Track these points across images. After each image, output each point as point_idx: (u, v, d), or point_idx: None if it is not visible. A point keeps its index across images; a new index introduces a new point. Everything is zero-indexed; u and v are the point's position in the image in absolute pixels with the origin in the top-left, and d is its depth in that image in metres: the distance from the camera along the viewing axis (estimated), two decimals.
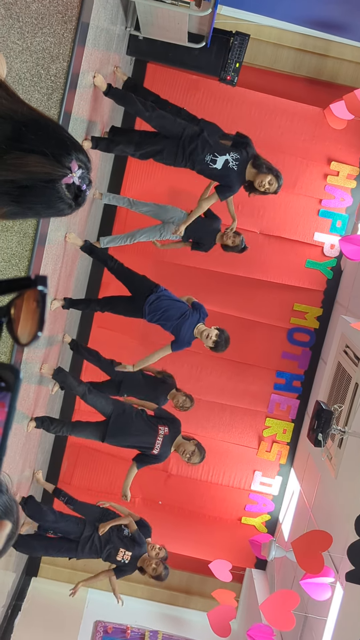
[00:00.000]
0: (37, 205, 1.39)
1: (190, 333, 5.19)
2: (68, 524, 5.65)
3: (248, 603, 7.65)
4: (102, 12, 4.58)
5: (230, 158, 5.08)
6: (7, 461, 4.68)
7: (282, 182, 5.19)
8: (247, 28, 6.73)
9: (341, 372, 5.84)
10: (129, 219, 7.02)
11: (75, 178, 1.39)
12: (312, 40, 7.09)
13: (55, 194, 1.38)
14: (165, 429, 5.23)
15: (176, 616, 8.02)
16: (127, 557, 5.49)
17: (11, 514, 1.23)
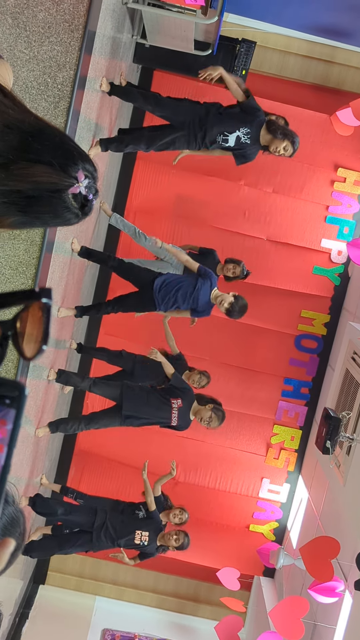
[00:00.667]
0: (44, 215, 1.39)
1: (207, 301, 5.25)
2: (79, 515, 5.63)
3: (256, 611, 7.61)
4: (109, 20, 4.60)
5: (241, 134, 5.07)
6: (14, 469, 4.68)
7: (297, 146, 5.15)
8: (253, 35, 6.74)
9: (349, 379, 5.82)
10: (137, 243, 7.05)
11: (82, 188, 1.39)
12: (319, 47, 7.10)
13: (62, 203, 1.38)
14: (179, 402, 5.21)
15: (184, 624, 7.99)
16: (145, 539, 5.43)
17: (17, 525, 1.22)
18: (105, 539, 5.49)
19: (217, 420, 5.22)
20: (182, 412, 5.23)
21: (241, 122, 5.07)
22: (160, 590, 8.12)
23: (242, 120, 5.08)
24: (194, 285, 5.23)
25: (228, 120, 5.09)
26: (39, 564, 7.92)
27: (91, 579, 8.12)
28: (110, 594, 8.12)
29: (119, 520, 5.50)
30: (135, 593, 8.12)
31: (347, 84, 7.18)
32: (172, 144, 5.19)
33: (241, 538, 7.66)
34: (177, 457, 7.62)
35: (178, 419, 5.23)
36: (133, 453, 7.48)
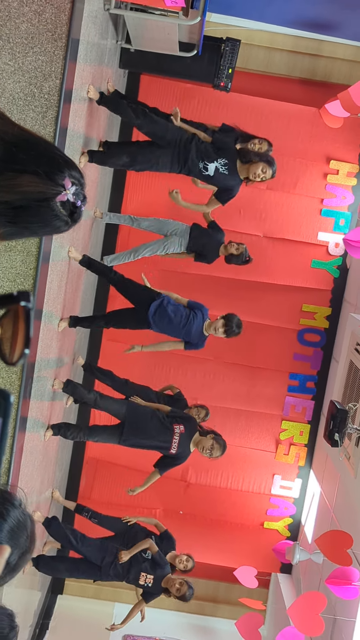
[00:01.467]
0: (34, 225, 1.39)
1: (200, 334, 5.27)
2: (90, 550, 5.61)
3: (276, 608, 7.60)
4: (92, 27, 4.61)
5: (219, 165, 5.12)
6: (25, 480, 4.68)
7: (275, 166, 5.20)
8: (237, 33, 6.74)
9: (354, 370, 5.82)
10: (131, 235, 7.04)
11: (69, 195, 1.40)
12: (304, 41, 7.11)
13: (51, 212, 1.39)
14: (181, 427, 5.19)
15: (204, 626, 7.97)
16: (149, 581, 5.45)
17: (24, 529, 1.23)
18: (112, 575, 5.53)
19: (219, 449, 5.19)
20: (183, 440, 5.20)
21: (217, 153, 5.14)
22: None
23: (217, 151, 5.14)
24: (187, 318, 5.26)
25: (207, 148, 5.16)
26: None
27: (109, 585, 8.10)
28: (128, 600, 8.08)
29: (127, 562, 5.48)
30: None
31: (334, 76, 7.18)
32: (155, 164, 5.23)
33: (256, 536, 7.65)
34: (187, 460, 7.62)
35: (178, 446, 5.19)
36: (143, 458, 7.45)
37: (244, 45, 6.55)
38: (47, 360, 4.87)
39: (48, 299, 4.42)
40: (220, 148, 5.16)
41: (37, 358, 4.38)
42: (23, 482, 4.60)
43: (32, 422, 4.57)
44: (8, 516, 1.19)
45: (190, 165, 5.12)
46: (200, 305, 5.35)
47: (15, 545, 1.21)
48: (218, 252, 5.93)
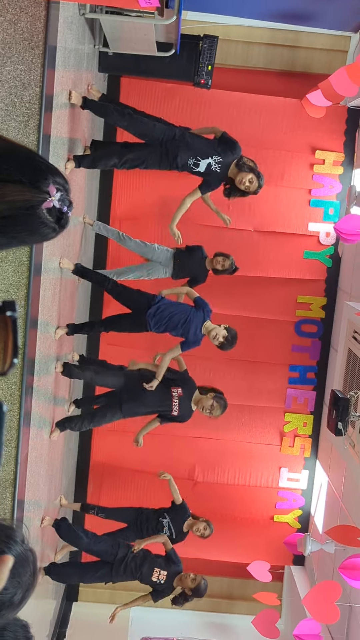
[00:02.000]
0: (21, 234, 1.39)
1: (198, 332, 5.28)
2: (101, 547, 5.64)
3: (291, 600, 7.61)
4: (68, 33, 4.60)
5: (212, 161, 5.13)
6: (32, 490, 4.68)
7: (262, 182, 5.29)
8: (214, 30, 6.75)
9: (353, 358, 5.82)
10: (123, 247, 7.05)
11: (55, 201, 1.40)
12: (281, 33, 7.11)
13: (37, 219, 1.38)
14: (179, 390, 5.20)
15: (221, 623, 7.98)
16: (162, 577, 5.46)
17: (27, 565, 1.22)
18: (124, 573, 5.54)
19: (219, 408, 5.20)
20: (183, 402, 5.22)
21: (215, 151, 5.16)
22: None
23: (216, 149, 5.16)
24: (187, 315, 5.27)
25: (203, 145, 5.17)
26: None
27: (123, 589, 8.10)
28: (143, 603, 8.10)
29: (139, 555, 5.50)
30: (168, 598, 8.10)
31: (313, 67, 7.19)
32: (144, 162, 5.23)
33: (267, 530, 7.65)
34: (193, 458, 7.63)
35: (179, 408, 5.21)
36: (148, 459, 7.48)
37: (221, 41, 6.55)
38: (46, 368, 4.86)
39: (43, 308, 4.42)
40: (221, 146, 5.18)
41: (36, 367, 4.38)
42: (30, 493, 4.59)
43: (34, 431, 4.57)
44: (11, 554, 1.18)
45: (179, 162, 5.14)
46: (205, 304, 5.35)
47: (19, 582, 1.20)
48: (206, 268, 5.96)
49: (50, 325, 4.89)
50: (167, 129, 5.18)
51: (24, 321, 3.96)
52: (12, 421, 4.06)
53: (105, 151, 5.36)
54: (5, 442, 4.07)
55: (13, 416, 4.06)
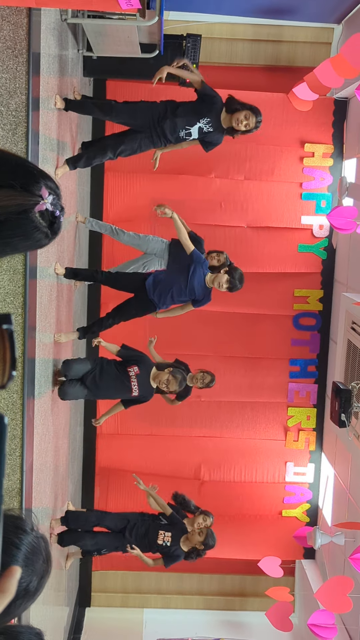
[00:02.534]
0: (14, 239, 1.39)
1: (203, 286, 5.31)
2: (111, 520, 5.71)
3: (304, 595, 7.61)
4: (51, 39, 4.60)
5: (202, 124, 5.12)
6: (39, 498, 4.67)
7: (260, 116, 5.14)
8: (197, 29, 6.75)
9: (352, 348, 5.82)
10: (115, 243, 7.03)
11: (48, 204, 1.40)
12: (264, 28, 7.12)
13: (30, 224, 1.38)
14: (135, 369, 5.17)
15: (235, 621, 7.98)
16: (167, 539, 5.42)
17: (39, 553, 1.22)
18: (132, 537, 5.54)
19: (174, 382, 5.15)
20: (142, 380, 5.19)
21: (200, 113, 5.12)
22: (206, 591, 8.11)
23: (200, 111, 5.12)
24: (185, 277, 5.27)
25: (187, 113, 5.13)
26: (82, 587, 7.92)
27: (135, 592, 8.11)
28: (157, 604, 8.11)
29: (147, 523, 5.59)
30: (181, 599, 8.11)
31: (298, 60, 7.20)
32: (139, 147, 5.23)
33: (276, 525, 7.65)
34: (198, 458, 7.63)
35: (139, 387, 5.19)
36: (153, 461, 7.49)
37: (205, 40, 6.55)
38: (47, 375, 4.86)
39: (40, 315, 4.41)
40: (204, 106, 5.13)
41: (36, 375, 4.37)
42: (37, 501, 4.59)
43: (38, 439, 4.56)
44: (21, 544, 1.18)
45: (171, 138, 5.14)
46: (202, 258, 5.37)
47: (33, 571, 1.20)
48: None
49: (49, 331, 4.89)
50: (151, 110, 5.14)
51: (22, 329, 3.96)
52: (16, 430, 4.05)
53: (98, 147, 5.34)
54: (10, 452, 4.07)
55: (16, 425, 4.05)
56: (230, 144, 7.12)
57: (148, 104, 5.27)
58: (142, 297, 5.36)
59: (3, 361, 1.02)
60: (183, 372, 5.30)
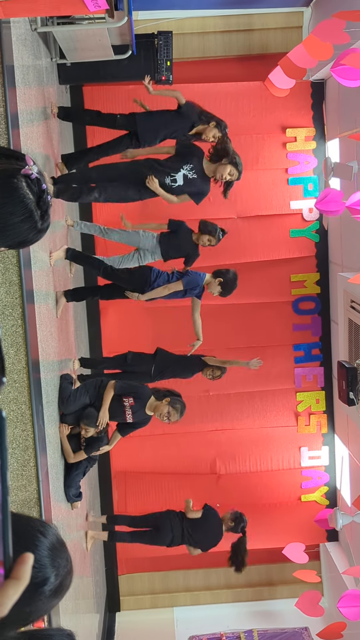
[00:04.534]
0: (2, 209, 1.39)
1: (196, 278, 5.51)
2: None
3: (331, 577, 7.62)
4: (23, 50, 4.61)
5: (186, 171, 5.19)
6: (58, 506, 4.69)
7: (241, 167, 5.29)
8: (168, 26, 6.75)
9: (354, 327, 5.83)
10: (108, 244, 7.04)
11: (34, 172, 1.41)
12: (234, 19, 7.13)
13: (17, 190, 1.39)
14: (130, 400, 5.13)
15: (266, 610, 7.99)
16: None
17: (63, 547, 1.23)
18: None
19: (176, 413, 5.10)
20: (136, 410, 5.15)
21: (182, 161, 5.24)
22: (233, 584, 8.12)
23: (182, 159, 5.26)
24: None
25: (171, 162, 5.26)
26: (110, 593, 7.94)
27: (164, 592, 8.13)
28: (186, 602, 8.13)
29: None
30: (210, 594, 8.13)
31: (271, 47, 7.20)
32: (124, 199, 5.37)
33: (296, 511, 7.67)
34: (212, 452, 7.64)
35: (133, 416, 5.16)
36: (168, 460, 7.50)
37: (176, 36, 6.56)
38: (54, 384, 4.87)
39: (40, 324, 4.43)
40: (185, 155, 5.27)
41: (43, 383, 4.38)
42: (56, 510, 4.60)
43: (51, 449, 4.58)
44: (48, 533, 1.19)
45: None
46: (195, 285, 5.50)
47: (57, 564, 1.20)
48: (195, 243, 5.89)
49: (50, 339, 4.90)
50: (133, 168, 5.25)
51: (24, 339, 3.96)
52: (27, 440, 4.06)
53: (82, 183, 5.34)
54: (24, 462, 4.08)
55: (27, 435, 4.06)
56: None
57: (125, 120, 5.34)
58: (139, 278, 5.50)
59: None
60: (180, 399, 5.22)
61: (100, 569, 7.55)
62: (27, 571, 0.89)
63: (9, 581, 0.88)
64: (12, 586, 0.88)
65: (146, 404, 5.18)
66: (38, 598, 1.16)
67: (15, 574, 0.88)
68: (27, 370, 4.02)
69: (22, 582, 0.88)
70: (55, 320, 5.11)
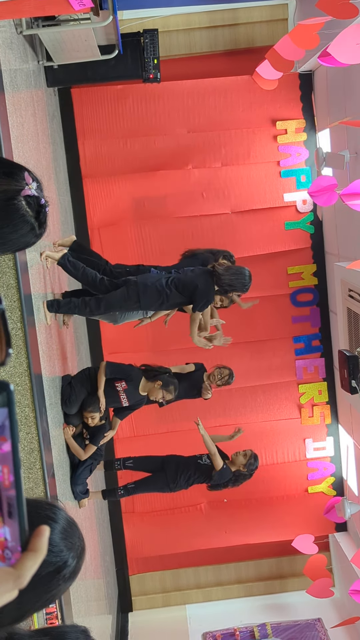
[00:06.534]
0: (3, 230, 1.40)
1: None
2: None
3: (341, 567, 7.63)
4: (10, 53, 4.61)
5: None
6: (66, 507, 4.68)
7: (232, 296, 5.34)
8: (153, 24, 6.75)
9: (353, 316, 5.84)
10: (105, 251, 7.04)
11: (33, 190, 1.42)
12: (219, 14, 7.13)
13: (17, 212, 1.40)
14: (122, 384, 5.15)
15: (278, 603, 8.00)
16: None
17: (75, 527, 1.24)
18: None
19: (169, 394, 5.14)
20: (130, 393, 5.18)
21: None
22: (244, 578, 8.13)
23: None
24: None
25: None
26: (121, 593, 7.94)
27: (175, 590, 8.13)
28: (198, 599, 8.13)
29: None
30: (221, 590, 8.13)
31: (257, 40, 7.20)
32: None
33: (304, 503, 7.67)
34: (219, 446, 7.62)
35: (128, 399, 5.19)
36: None
37: (162, 34, 6.57)
38: (55, 386, 4.87)
39: (40, 326, 4.43)
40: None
41: (45, 385, 4.38)
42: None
43: (56, 452, 4.58)
44: (58, 517, 1.21)
45: None
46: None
47: (71, 544, 1.23)
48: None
49: (50, 341, 4.90)
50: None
51: (24, 342, 3.96)
52: (33, 443, 4.06)
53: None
54: (30, 465, 4.08)
55: (32, 438, 4.06)
56: (202, 134, 7.17)
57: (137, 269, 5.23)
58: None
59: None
60: (171, 379, 5.21)
61: (111, 570, 7.55)
62: (44, 543, 0.90)
63: (26, 553, 0.89)
64: (30, 558, 0.89)
65: (139, 386, 5.21)
66: (57, 583, 1.18)
67: (32, 546, 0.89)
68: (28, 372, 4.02)
69: (39, 554, 0.89)
70: (54, 321, 5.11)
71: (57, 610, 3.42)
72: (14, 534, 0.88)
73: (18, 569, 0.88)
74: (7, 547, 0.88)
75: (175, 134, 7.13)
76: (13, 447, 0.85)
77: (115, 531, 7.72)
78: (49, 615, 3.42)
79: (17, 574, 0.88)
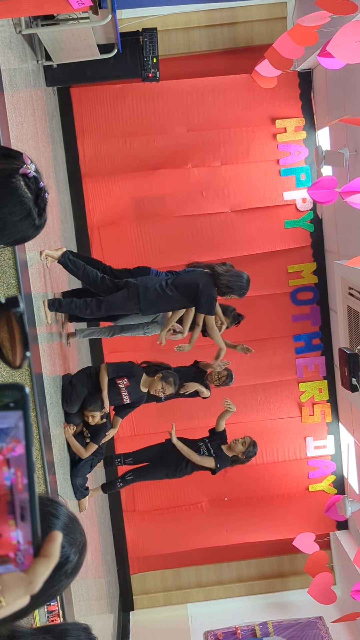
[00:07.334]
0: (2, 209, 1.39)
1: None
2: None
3: (343, 565, 7.63)
4: (9, 53, 4.61)
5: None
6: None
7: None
8: (152, 23, 6.75)
9: (353, 314, 5.83)
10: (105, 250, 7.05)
11: (31, 170, 1.41)
12: (217, 12, 7.13)
13: (15, 190, 1.39)
14: (124, 381, 5.17)
15: (279, 602, 8.00)
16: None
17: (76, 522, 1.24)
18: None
19: (169, 386, 5.15)
20: (132, 390, 5.20)
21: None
22: (245, 577, 8.14)
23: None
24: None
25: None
26: (123, 593, 7.94)
27: (176, 589, 8.14)
28: (199, 598, 8.14)
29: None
30: (222, 588, 8.14)
31: (256, 39, 7.20)
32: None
33: (305, 501, 7.68)
34: None
35: (130, 396, 5.21)
36: None
37: (161, 32, 6.56)
38: (56, 385, 4.87)
39: (40, 325, 4.43)
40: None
41: (46, 385, 4.39)
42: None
43: (57, 449, 4.58)
44: (59, 513, 1.21)
45: None
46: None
47: (73, 540, 1.23)
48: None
49: (49, 337, 4.90)
50: None
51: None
52: (34, 442, 4.06)
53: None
54: None
55: (34, 437, 4.06)
56: (201, 132, 7.16)
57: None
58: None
59: (16, 343, 1.03)
60: (172, 372, 5.22)
61: (112, 569, 7.55)
62: (57, 548, 0.90)
63: (38, 559, 0.89)
64: (42, 563, 0.89)
65: (140, 382, 5.23)
66: (60, 579, 1.18)
67: (44, 551, 0.89)
68: (29, 372, 4.02)
69: (51, 559, 0.89)
70: (54, 320, 5.11)
71: (58, 609, 3.42)
72: (27, 538, 0.87)
73: (30, 575, 0.87)
74: (19, 550, 0.87)
75: (175, 133, 7.13)
76: (27, 450, 0.85)
77: (116, 530, 7.72)
78: (50, 613, 3.42)
79: (29, 579, 0.87)
